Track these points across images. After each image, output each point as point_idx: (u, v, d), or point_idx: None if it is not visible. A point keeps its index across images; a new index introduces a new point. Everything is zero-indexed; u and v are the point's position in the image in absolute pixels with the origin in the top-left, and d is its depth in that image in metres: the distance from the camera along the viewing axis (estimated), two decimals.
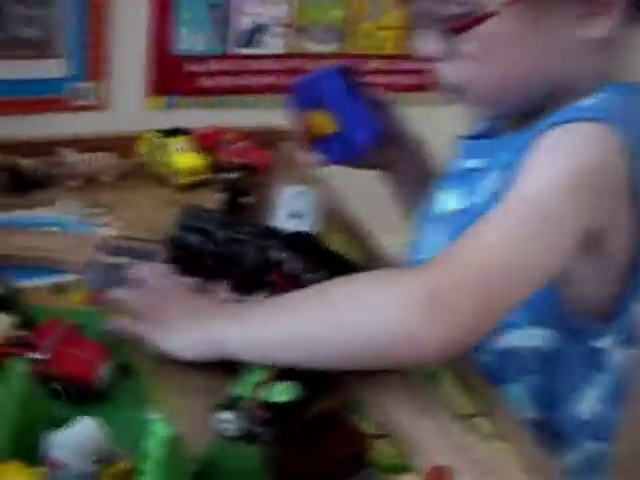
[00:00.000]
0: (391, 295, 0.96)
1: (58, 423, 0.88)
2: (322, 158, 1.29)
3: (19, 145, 1.61)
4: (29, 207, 1.49)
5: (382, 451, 1.00)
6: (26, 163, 1.54)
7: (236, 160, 1.50)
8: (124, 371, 1.09)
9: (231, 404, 1.01)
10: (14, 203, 1.50)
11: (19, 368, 0.88)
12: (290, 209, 1.34)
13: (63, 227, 1.43)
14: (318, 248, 1.20)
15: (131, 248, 1.34)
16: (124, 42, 2.33)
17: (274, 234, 1.22)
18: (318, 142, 1.23)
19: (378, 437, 1.02)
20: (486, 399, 1.09)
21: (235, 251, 1.22)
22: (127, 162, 1.61)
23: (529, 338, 1.11)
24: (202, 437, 0.99)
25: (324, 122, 1.12)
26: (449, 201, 1.20)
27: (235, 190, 1.41)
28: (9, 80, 2.23)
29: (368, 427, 1.03)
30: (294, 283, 1.17)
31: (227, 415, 1.00)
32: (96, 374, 1.02)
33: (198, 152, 1.62)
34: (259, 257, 1.21)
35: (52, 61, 2.29)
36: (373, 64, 2.71)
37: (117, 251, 1.32)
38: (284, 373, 1.03)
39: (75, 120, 2.31)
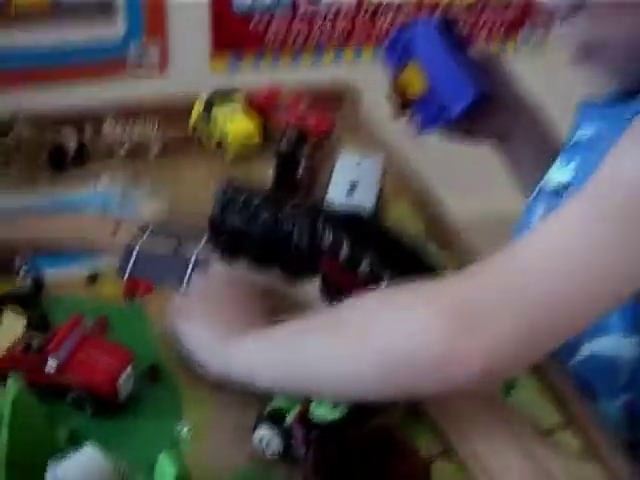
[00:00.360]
0: (420, 315, 0.82)
1: (73, 439, 0.82)
2: (416, 124, 1.13)
3: (62, 116, 1.48)
4: (70, 186, 1.36)
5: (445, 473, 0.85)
6: (67, 138, 1.41)
7: (291, 125, 1.33)
8: (152, 376, 0.96)
9: (271, 419, 0.87)
10: (54, 181, 1.38)
11: (12, 387, 0.74)
12: (350, 179, 1.17)
13: (103, 208, 1.31)
14: (375, 232, 1.03)
15: (173, 232, 1.20)
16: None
17: (327, 214, 1.05)
18: (412, 105, 1.09)
19: (438, 457, 0.87)
20: (575, 413, 0.91)
21: (282, 234, 1.06)
22: (174, 133, 1.45)
23: (624, 347, 0.91)
24: (237, 456, 0.85)
25: (418, 82, 0.99)
26: (559, 174, 1.01)
27: (288, 161, 1.25)
28: (61, 47, 2.12)
29: (426, 446, 0.88)
30: (344, 274, 1.01)
31: (266, 431, 0.86)
32: (117, 382, 0.90)
33: (250, 116, 1.45)
34: (309, 241, 1.05)
35: (109, 23, 2.15)
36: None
37: (157, 235, 1.18)
38: None
39: (134, 86, 2.19)
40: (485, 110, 1.12)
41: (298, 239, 1.05)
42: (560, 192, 0.98)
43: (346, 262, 1.00)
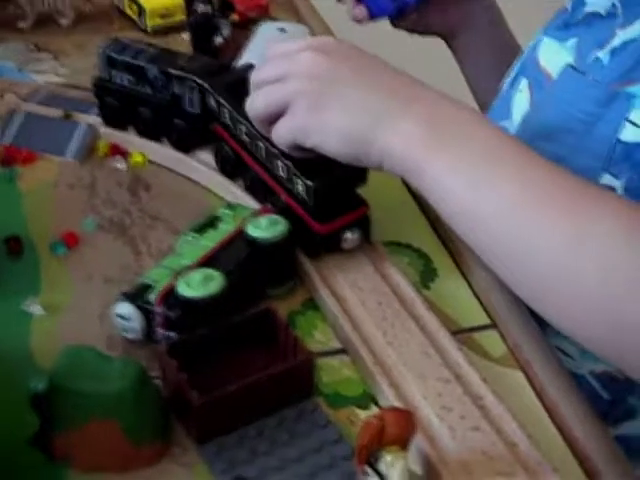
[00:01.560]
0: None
1: None
2: (364, 10, 1.02)
3: None
4: None
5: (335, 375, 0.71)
6: None
7: None
8: (13, 249, 0.81)
9: (136, 294, 0.73)
10: None
11: None
12: (265, 48, 1.02)
13: None
14: None
15: (65, 98, 1.05)
16: None
17: (220, 71, 0.90)
18: None
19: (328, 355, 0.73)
20: (500, 313, 0.78)
21: (176, 94, 0.91)
22: (89, 2, 1.30)
23: None
24: (93, 338, 0.71)
25: None
26: (560, 54, 0.87)
27: (204, 27, 1.09)
28: None
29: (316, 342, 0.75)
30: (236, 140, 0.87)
31: (125, 307, 0.72)
32: None
33: None
34: (199, 102, 0.90)
35: None
36: None
37: (46, 101, 1.03)
38: (216, 260, 0.74)
39: None
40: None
41: (189, 101, 0.91)
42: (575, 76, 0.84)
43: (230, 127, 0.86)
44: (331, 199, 0.77)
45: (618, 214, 0.61)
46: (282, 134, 0.74)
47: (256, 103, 0.75)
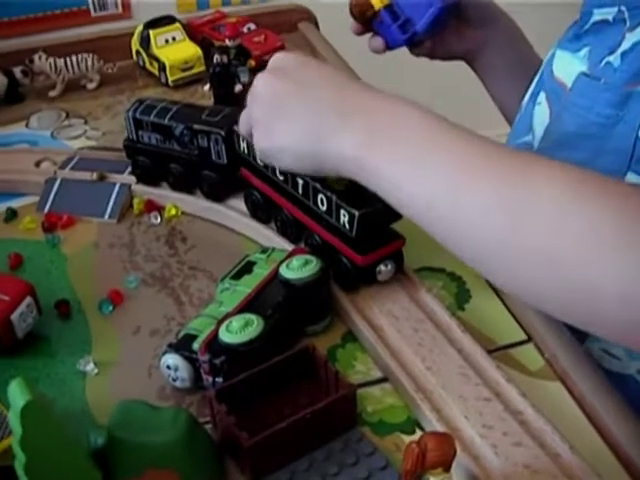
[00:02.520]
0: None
1: None
2: (379, 40, 1.04)
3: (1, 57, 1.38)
4: (2, 124, 1.27)
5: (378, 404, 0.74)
6: None
7: (230, 42, 1.22)
8: (62, 312, 0.86)
9: (181, 345, 0.76)
10: None
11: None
12: None
13: (33, 143, 1.20)
14: None
15: (98, 160, 1.10)
16: None
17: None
18: (375, 20, 1.02)
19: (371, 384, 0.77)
20: (536, 327, 0.80)
21: (202, 148, 0.95)
22: (112, 64, 1.35)
23: None
24: (146, 391, 0.75)
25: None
26: (573, 64, 0.89)
27: (224, 76, 1.13)
28: None
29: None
30: (267, 181, 0.90)
31: (171, 357, 0.75)
32: (10, 317, 0.79)
33: (190, 42, 1.34)
34: (226, 153, 0.94)
35: None
36: None
37: (81, 165, 1.08)
38: (254, 304, 0.78)
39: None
40: (452, 23, 1.04)
41: (216, 153, 0.94)
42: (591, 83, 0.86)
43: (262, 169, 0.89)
44: (372, 230, 0.80)
45: (553, 180, 0.60)
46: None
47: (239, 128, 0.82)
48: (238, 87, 1.15)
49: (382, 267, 0.82)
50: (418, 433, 0.71)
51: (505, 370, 0.74)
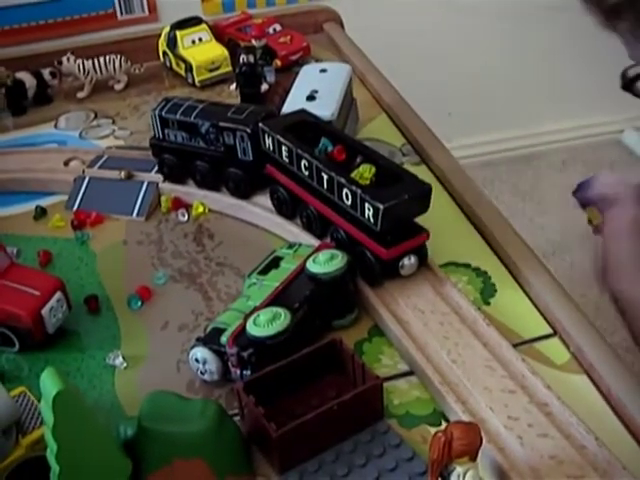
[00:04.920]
0: None
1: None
2: None
3: (30, 59, 1.40)
4: (31, 125, 1.28)
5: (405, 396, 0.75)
6: (26, 77, 1.32)
7: (256, 43, 1.23)
8: (91, 307, 0.87)
9: (210, 338, 0.77)
10: (15, 122, 1.30)
11: None
12: (311, 87, 1.06)
13: (62, 143, 1.22)
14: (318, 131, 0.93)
15: (125, 159, 1.11)
16: None
17: (269, 115, 0.96)
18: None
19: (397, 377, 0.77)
20: (561, 321, 0.80)
21: (228, 145, 0.96)
22: (140, 65, 1.37)
23: None
24: (174, 384, 0.76)
25: (595, 216, 1.03)
26: None
27: (250, 75, 1.14)
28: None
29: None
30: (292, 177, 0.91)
31: (199, 350, 0.76)
32: (40, 312, 0.80)
33: (216, 43, 1.35)
34: (252, 149, 0.95)
35: None
36: None
37: (108, 164, 1.09)
38: (282, 298, 0.79)
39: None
40: None
41: (242, 150, 0.96)
42: None
43: (287, 165, 0.90)
44: (396, 224, 0.81)
45: None
46: None
47: None
48: (264, 87, 1.16)
49: (405, 261, 0.82)
50: (444, 425, 0.71)
51: (530, 363, 0.74)
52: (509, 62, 2.36)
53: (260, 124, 0.92)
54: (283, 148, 0.89)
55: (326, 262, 0.80)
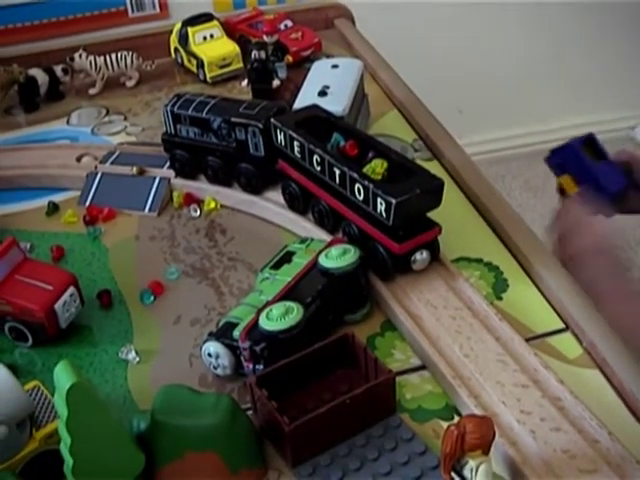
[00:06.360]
0: None
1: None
2: None
3: (42, 55, 1.41)
4: (43, 121, 1.29)
5: (417, 391, 0.75)
6: (39, 74, 1.32)
7: (267, 38, 1.23)
8: (104, 302, 0.87)
9: (222, 333, 0.77)
10: (27, 119, 1.30)
11: None
12: (323, 83, 1.06)
13: (73, 139, 1.22)
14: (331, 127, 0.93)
15: (137, 155, 1.11)
16: None
17: (281, 110, 0.96)
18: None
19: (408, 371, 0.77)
20: (574, 315, 0.80)
21: (240, 141, 0.96)
22: (151, 61, 1.37)
23: None
24: (186, 379, 0.76)
25: (570, 185, 1.10)
26: None
27: (261, 71, 1.14)
28: None
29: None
30: (304, 172, 0.91)
31: (212, 345, 0.76)
32: (53, 306, 0.80)
33: (227, 39, 1.36)
34: (263, 145, 0.95)
35: None
36: None
37: (120, 160, 1.10)
38: (294, 293, 0.79)
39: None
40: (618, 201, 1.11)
41: (254, 146, 0.96)
42: None
43: (299, 160, 0.90)
44: (408, 218, 0.81)
45: None
46: None
47: None
48: (276, 82, 1.16)
49: (417, 255, 0.82)
50: (456, 419, 0.71)
51: (543, 358, 0.74)
52: (520, 58, 2.35)
53: (272, 119, 0.92)
54: (295, 143, 0.89)
55: (338, 257, 0.80)
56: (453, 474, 0.59)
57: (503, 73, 2.36)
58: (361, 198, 0.82)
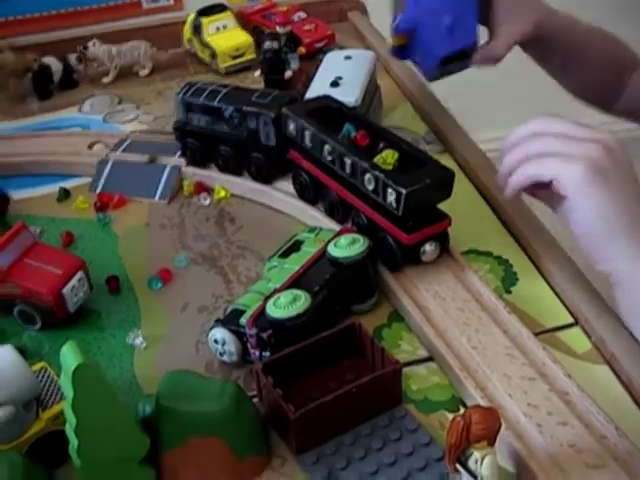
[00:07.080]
0: None
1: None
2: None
3: (57, 44, 1.41)
4: (56, 109, 1.29)
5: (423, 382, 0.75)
6: (53, 62, 1.33)
7: (280, 29, 1.23)
8: (112, 287, 0.87)
9: (229, 319, 0.77)
10: (41, 106, 1.31)
11: None
12: (335, 74, 1.06)
13: (85, 127, 1.22)
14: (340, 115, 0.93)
15: (149, 144, 1.11)
16: None
17: (293, 100, 0.96)
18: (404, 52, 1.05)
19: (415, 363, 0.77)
20: (583, 310, 0.79)
21: (252, 130, 0.96)
22: (165, 51, 1.37)
23: None
24: (193, 365, 0.76)
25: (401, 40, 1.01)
26: None
27: (274, 61, 1.14)
28: None
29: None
30: (315, 162, 0.91)
31: (220, 334, 0.76)
32: (61, 291, 0.80)
33: (240, 30, 1.36)
34: (275, 133, 0.95)
35: None
36: None
37: (132, 148, 1.10)
38: (302, 281, 0.79)
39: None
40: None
41: (265, 135, 0.96)
42: None
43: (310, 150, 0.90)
44: (418, 209, 0.81)
45: None
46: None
47: (529, 169, 0.76)
48: (288, 73, 1.16)
49: (427, 247, 0.82)
50: (462, 411, 0.70)
51: (551, 352, 0.74)
52: (523, 57, 2.34)
53: (283, 109, 0.92)
54: (306, 133, 0.89)
55: (347, 246, 0.80)
56: (458, 465, 0.59)
57: (514, 72, 2.34)
58: (371, 188, 0.82)
